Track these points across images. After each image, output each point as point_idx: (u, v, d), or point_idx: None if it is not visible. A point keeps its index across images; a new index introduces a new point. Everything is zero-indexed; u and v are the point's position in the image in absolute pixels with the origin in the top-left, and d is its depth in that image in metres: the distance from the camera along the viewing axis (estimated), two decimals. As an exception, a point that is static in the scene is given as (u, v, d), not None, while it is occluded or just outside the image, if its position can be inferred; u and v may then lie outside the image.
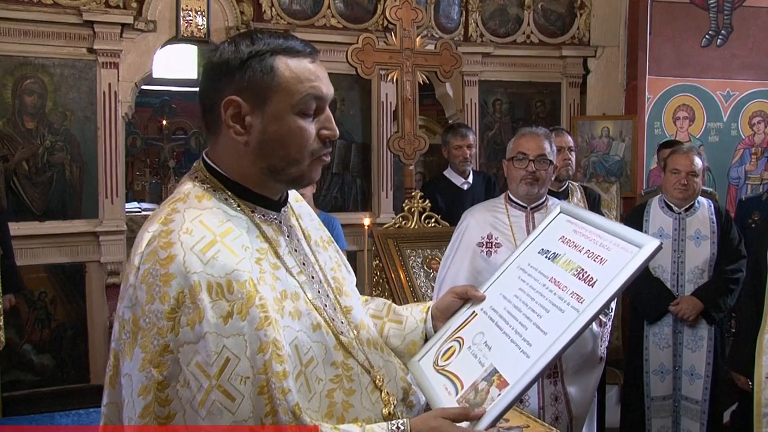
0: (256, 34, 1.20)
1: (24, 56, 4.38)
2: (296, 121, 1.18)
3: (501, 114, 5.59)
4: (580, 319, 1.26)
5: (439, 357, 1.40)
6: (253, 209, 1.22)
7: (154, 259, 1.07)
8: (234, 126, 1.17)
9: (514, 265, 1.52)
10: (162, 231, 1.10)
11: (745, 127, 5.49)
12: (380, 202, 5.17)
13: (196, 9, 4.70)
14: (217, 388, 1.04)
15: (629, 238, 1.34)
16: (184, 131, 9.52)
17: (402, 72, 3.62)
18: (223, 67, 1.17)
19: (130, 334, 1.06)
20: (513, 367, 1.26)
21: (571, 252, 1.42)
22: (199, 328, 1.04)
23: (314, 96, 1.19)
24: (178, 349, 1.04)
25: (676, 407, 3.44)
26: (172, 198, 1.19)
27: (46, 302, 4.49)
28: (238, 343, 1.06)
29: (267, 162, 1.19)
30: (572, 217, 1.54)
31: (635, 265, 1.28)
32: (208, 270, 1.06)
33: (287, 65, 1.17)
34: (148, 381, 1.04)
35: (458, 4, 5.39)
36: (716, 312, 3.34)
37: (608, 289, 1.28)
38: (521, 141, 2.64)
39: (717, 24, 5.38)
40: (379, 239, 3.53)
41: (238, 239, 1.13)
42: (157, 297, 1.05)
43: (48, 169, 4.47)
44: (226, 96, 1.16)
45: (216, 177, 1.21)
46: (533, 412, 2.47)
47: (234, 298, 1.07)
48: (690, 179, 3.37)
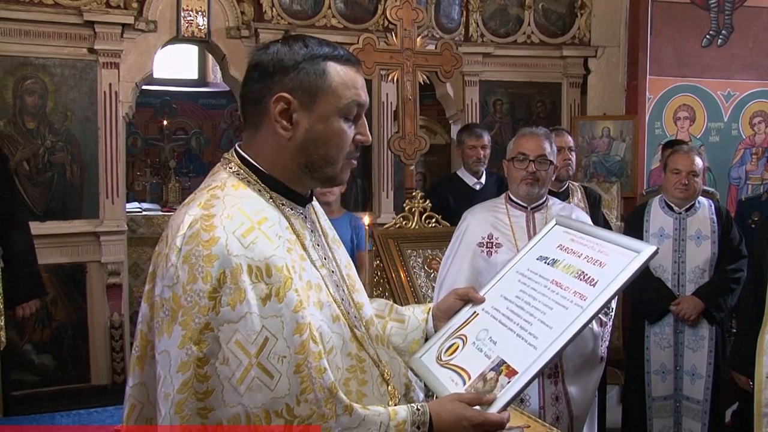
0: (308, 39, 1.29)
1: (24, 56, 4.38)
2: (340, 124, 1.26)
3: (501, 114, 5.59)
4: (584, 314, 1.34)
5: (442, 353, 1.45)
6: (283, 202, 1.28)
7: (197, 240, 1.12)
8: (281, 121, 1.24)
9: (513, 270, 1.59)
10: (204, 215, 1.15)
11: (745, 127, 5.49)
12: (381, 202, 5.17)
13: (197, 9, 4.70)
14: (257, 366, 1.09)
15: (627, 245, 1.44)
16: (185, 131, 9.50)
17: (402, 72, 3.62)
18: (278, 65, 1.24)
19: (170, 312, 1.10)
20: (521, 358, 1.33)
21: (570, 258, 1.50)
22: (240, 308, 1.09)
23: (357, 103, 1.28)
24: (219, 328, 1.08)
25: (678, 407, 3.44)
26: (209, 185, 1.24)
27: (47, 302, 4.48)
28: (275, 324, 1.12)
29: (307, 158, 1.26)
30: (568, 228, 1.61)
31: (635, 266, 1.37)
32: (248, 254, 1.12)
33: (337, 71, 1.26)
34: (188, 357, 1.07)
35: (459, 4, 5.39)
36: (717, 312, 3.34)
37: (610, 288, 1.36)
38: (521, 141, 2.64)
39: (717, 24, 5.37)
40: (380, 239, 3.53)
41: (273, 228, 1.20)
42: (199, 276, 1.09)
43: (49, 169, 4.47)
44: (278, 92, 1.23)
45: (250, 168, 1.27)
46: (534, 412, 2.47)
47: (272, 282, 1.13)
48: (690, 179, 3.37)
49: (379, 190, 5.17)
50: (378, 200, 5.19)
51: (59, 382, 4.51)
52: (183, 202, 1.26)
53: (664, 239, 3.44)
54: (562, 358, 2.54)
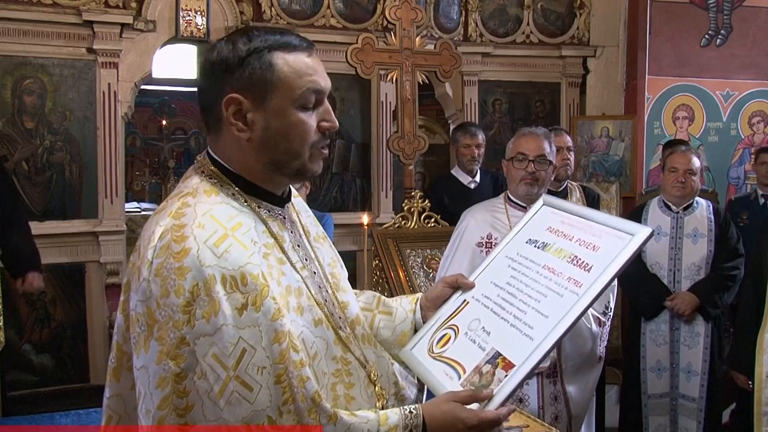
0: (253, 31, 1.21)
1: (23, 56, 4.37)
2: (297, 115, 1.20)
3: (500, 114, 5.59)
4: (581, 302, 1.28)
5: (434, 344, 1.40)
6: (259, 204, 1.24)
7: (167, 252, 1.08)
8: (236, 123, 1.19)
9: (502, 254, 1.52)
10: (174, 225, 1.11)
11: (744, 126, 5.49)
12: (380, 201, 5.17)
13: (196, 9, 4.70)
14: (235, 379, 1.06)
15: (620, 227, 1.37)
16: (184, 131, 9.51)
17: (401, 72, 3.62)
18: (222, 65, 1.18)
19: (145, 327, 1.07)
20: (517, 350, 1.28)
21: (561, 241, 1.44)
22: (215, 321, 1.06)
23: (313, 90, 1.21)
24: (195, 342, 1.05)
25: (674, 405, 3.45)
26: (180, 192, 1.20)
27: (46, 302, 4.48)
28: (253, 334, 1.08)
29: (270, 156, 1.21)
30: (556, 208, 1.55)
31: (631, 250, 1.31)
32: (221, 263, 1.08)
33: (286, 61, 1.19)
34: (166, 373, 1.05)
35: (458, 3, 5.39)
36: (712, 308, 3.36)
37: (606, 274, 1.30)
38: (521, 141, 2.64)
39: (716, 24, 5.38)
40: (379, 239, 3.53)
41: (248, 234, 1.15)
42: (171, 290, 1.06)
43: (47, 169, 4.47)
44: (227, 94, 1.18)
45: (222, 172, 1.23)
46: (533, 411, 2.47)
47: (248, 290, 1.09)
48: (688, 177, 3.39)
49: (378, 189, 5.17)
50: (377, 200, 5.19)
51: (58, 382, 4.50)
52: (156, 209, 1.22)
53: (661, 237, 3.46)
54: (561, 357, 2.54)
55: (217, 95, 1.19)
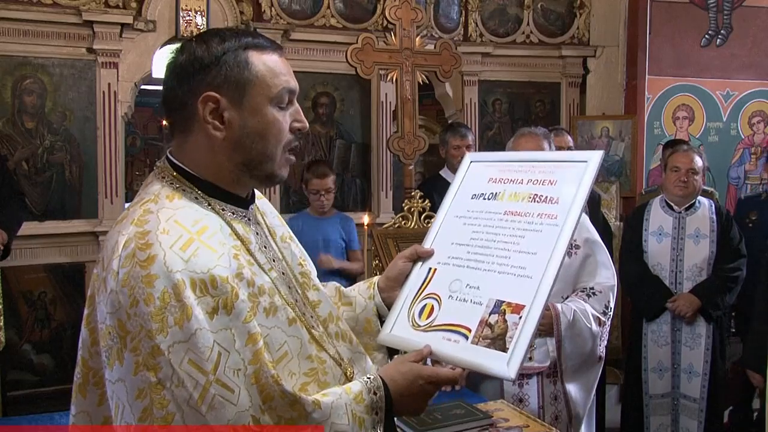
0: (224, 31, 1.22)
1: (23, 56, 4.37)
2: (274, 114, 1.21)
3: (500, 114, 5.59)
4: (565, 231, 1.30)
5: (416, 319, 1.38)
6: (223, 207, 1.21)
7: (133, 261, 1.05)
8: (212, 122, 1.18)
9: (450, 216, 1.51)
10: (138, 232, 1.09)
11: (744, 126, 5.49)
12: (380, 201, 5.17)
13: (196, 9, 4.70)
14: (216, 383, 1.04)
15: (569, 158, 1.41)
16: (184, 131, 9.49)
17: (401, 72, 3.62)
18: (196, 64, 1.17)
19: (118, 339, 1.05)
20: (519, 291, 1.27)
21: (512, 186, 1.43)
22: (189, 326, 1.03)
23: (288, 89, 1.22)
24: (169, 350, 1.03)
25: (675, 405, 3.45)
26: (142, 199, 1.17)
27: (46, 302, 4.48)
28: (226, 337, 1.07)
29: (244, 156, 1.21)
30: (487, 161, 1.54)
31: (592, 173, 1.37)
32: (189, 267, 1.06)
33: (261, 59, 1.20)
34: (144, 384, 1.03)
35: (458, 3, 5.39)
36: (714, 310, 3.36)
37: (578, 198, 1.33)
38: (520, 141, 2.64)
39: (716, 24, 5.38)
40: (379, 239, 3.53)
41: (215, 236, 1.14)
42: (141, 299, 1.03)
43: (47, 169, 4.46)
44: (203, 92, 1.17)
45: (183, 176, 1.21)
46: (533, 411, 2.47)
47: (218, 293, 1.07)
48: (690, 177, 3.39)
49: (378, 189, 5.17)
50: (377, 200, 5.19)
51: (58, 382, 4.50)
52: (117, 219, 1.19)
53: (663, 238, 3.46)
54: (561, 357, 2.54)
55: (189, 95, 1.18)
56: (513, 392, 2.56)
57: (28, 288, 4.37)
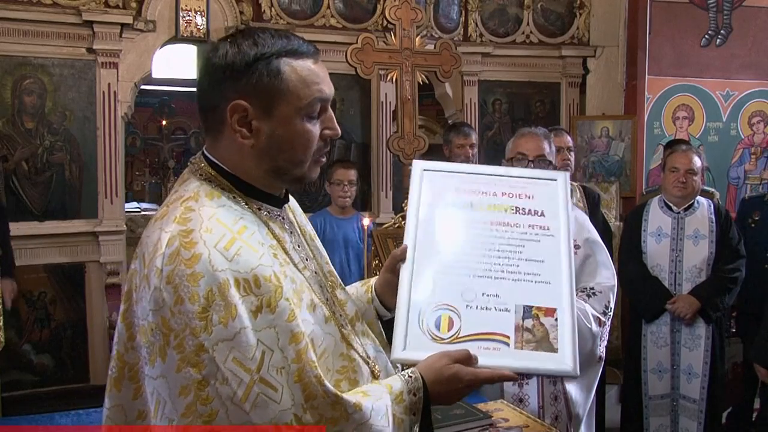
0: (258, 34, 1.19)
1: (23, 56, 4.38)
2: (303, 125, 1.19)
3: (500, 114, 5.59)
4: (563, 242, 1.35)
5: (434, 333, 1.32)
6: (260, 206, 1.22)
7: (178, 259, 1.06)
8: (240, 130, 1.17)
9: (425, 224, 1.43)
10: (181, 230, 1.09)
11: (744, 126, 5.48)
12: (380, 201, 5.17)
13: (196, 9, 4.70)
14: (260, 381, 1.05)
15: (535, 176, 1.46)
16: (184, 131, 9.51)
17: (401, 72, 3.61)
18: (227, 69, 1.15)
19: (161, 336, 1.05)
20: (543, 296, 1.30)
21: (486, 198, 1.44)
22: (233, 325, 1.04)
23: (319, 99, 1.20)
24: (213, 348, 1.03)
25: (674, 406, 3.45)
26: (182, 197, 1.17)
27: (46, 302, 4.49)
28: (269, 336, 1.08)
29: (272, 164, 1.20)
30: (442, 170, 1.51)
31: (566, 191, 1.41)
32: (233, 266, 1.07)
33: (293, 68, 1.17)
34: (187, 381, 1.04)
35: (458, 3, 5.39)
36: (713, 311, 3.35)
37: (563, 214, 1.38)
38: (520, 141, 2.63)
39: (716, 24, 5.37)
40: (379, 239, 3.53)
41: (254, 236, 1.15)
42: (186, 297, 1.04)
43: (47, 169, 4.46)
44: (232, 100, 1.15)
45: (221, 174, 1.21)
46: (533, 411, 2.47)
47: (261, 293, 1.08)
48: (688, 177, 3.38)
49: (378, 189, 5.17)
50: (377, 200, 5.19)
51: (58, 382, 4.50)
52: (155, 215, 1.19)
53: (662, 238, 3.45)
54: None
55: (220, 99, 1.17)
56: (513, 392, 2.56)
57: (28, 288, 4.37)
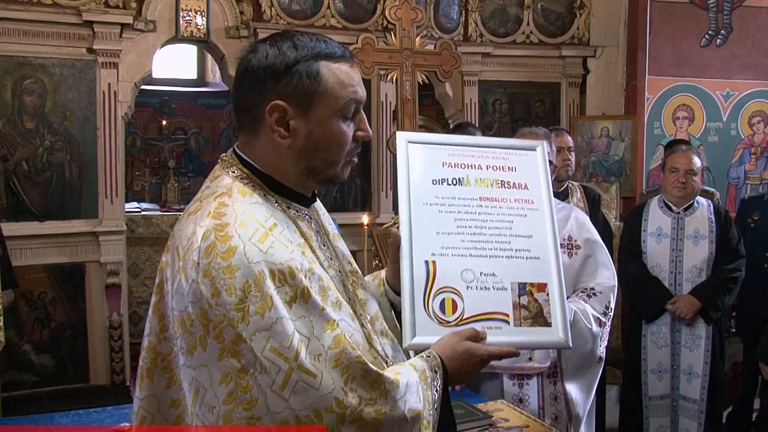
0: (297, 37, 1.23)
1: (23, 56, 4.38)
2: (339, 126, 1.23)
3: (501, 114, 5.59)
4: (546, 215, 1.40)
5: (439, 316, 1.35)
6: (289, 205, 1.26)
7: (214, 252, 1.09)
8: (278, 130, 1.21)
9: (417, 203, 1.43)
10: (216, 225, 1.13)
11: (744, 126, 5.49)
12: (380, 201, 5.17)
13: (196, 9, 4.70)
14: (298, 368, 1.08)
15: (516, 145, 1.51)
16: (184, 131, 9.49)
17: (401, 72, 3.62)
18: (268, 71, 1.19)
19: (201, 327, 1.09)
20: (535, 272, 1.36)
21: (473, 172, 1.46)
22: (270, 315, 1.08)
23: (355, 100, 1.24)
24: (251, 338, 1.07)
25: (675, 407, 3.45)
26: (214, 192, 1.21)
27: (46, 302, 4.49)
28: (305, 325, 1.11)
29: (308, 163, 1.24)
30: (426, 142, 1.51)
31: (544, 160, 1.48)
32: (268, 258, 1.11)
33: (331, 71, 1.21)
34: (228, 369, 1.07)
35: (458, 4, 5.39)
36: (714, 311, 3.35)
37: (544, 185, 1.44)
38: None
39: (716, 24, 5.37)
40: (379, 239, 3.54)
41: (283, 233, 1.18)
42: (223, 289, 1.07)
43: (47, 169, 4.46)
44: (271, 100, 1.19)
45: (252, 172, 1.24)
46: (533, 411, 2.47)
47: (295, 284, 1.12)
48: (688, 177, 3.38)
49: (378, 189, 5.18)
50: (377, 200, 5.19)
51: (58, 382, 4.51)
52: (187, 210, 1.23)
53: (661, 239, 3.45)
54: (561, 357, 2.54)
55: (259, 99, 1.20)
56: (513, 392, 2.56)
57: (28, 288, 4.37)
